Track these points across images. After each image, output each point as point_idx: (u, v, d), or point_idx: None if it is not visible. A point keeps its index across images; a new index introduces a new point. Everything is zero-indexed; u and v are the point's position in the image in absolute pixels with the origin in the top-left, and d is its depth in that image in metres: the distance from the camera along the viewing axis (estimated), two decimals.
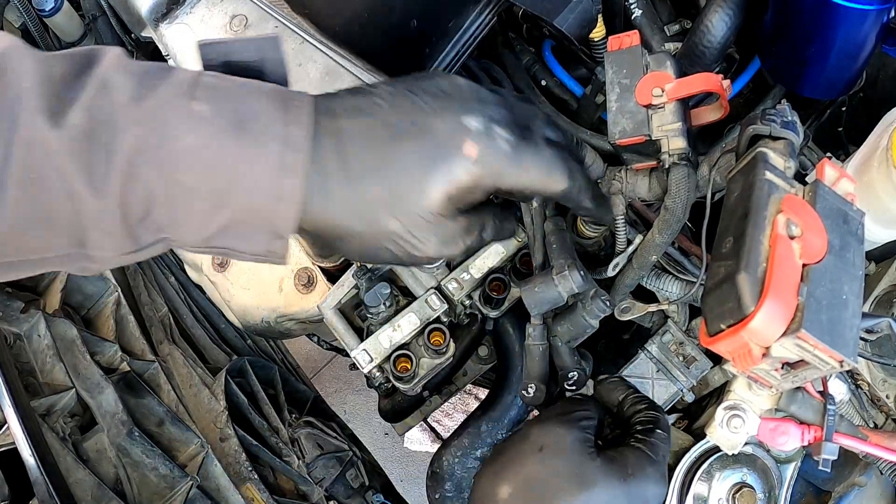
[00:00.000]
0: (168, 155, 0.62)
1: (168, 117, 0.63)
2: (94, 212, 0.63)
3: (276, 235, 0.67)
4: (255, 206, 0.65)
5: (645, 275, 0.97)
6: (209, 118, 0.63)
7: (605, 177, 0.97)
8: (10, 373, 1.18)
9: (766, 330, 0.61)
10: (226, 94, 0.65)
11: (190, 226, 0.65)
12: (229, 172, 0.63)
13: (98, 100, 0.62)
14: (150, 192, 0.63)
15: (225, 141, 0.63)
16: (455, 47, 0.99)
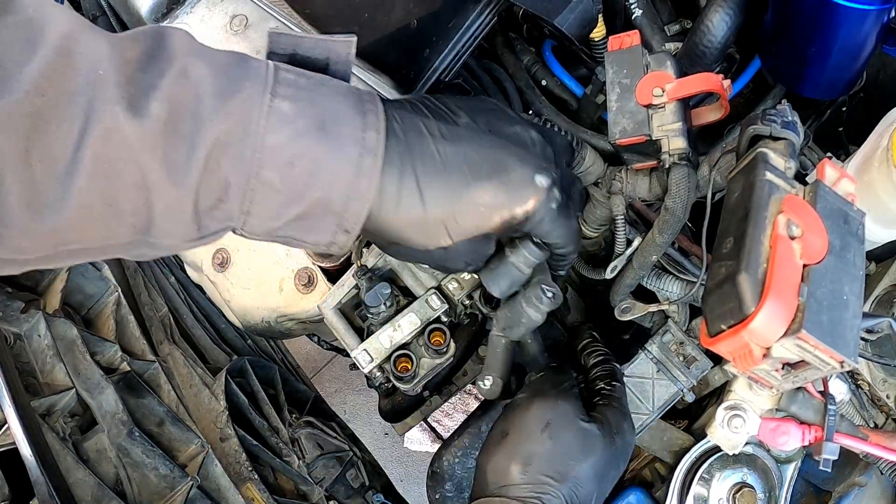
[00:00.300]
0: (250, 150, 0.64)
1: (252, 113, 0.64)
2: (169, 203, 0.64)
3: (342, 230, 0.71)
4: (327, 203, 0.68)
5: (645, 275, 0.97)
6: (292, 117, 0.66)
7: (606, 177, 0.97)
8: (11, 373, 1.18)
9: (767, 330, 0.61)
10: (307, 93, 0.68)
11: (261, 217, 0.68)
12: (308, 170, 0.66)
13: (179, 90, 0.63)
14: (226, 184, 0.65)
15: (307, 141, 0.66)
16: (455, 47, 0.98)
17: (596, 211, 1.00)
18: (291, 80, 0.68)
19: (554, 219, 0.78)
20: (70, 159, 0.59)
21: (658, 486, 1.05)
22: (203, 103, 0.63)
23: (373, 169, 0.68)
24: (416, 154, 0.72)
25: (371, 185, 0.69)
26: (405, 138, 0.72)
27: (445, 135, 0.74)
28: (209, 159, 0.63)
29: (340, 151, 0.67)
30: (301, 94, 0.67)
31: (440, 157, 0.73)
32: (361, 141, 0.68)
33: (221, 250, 1.30)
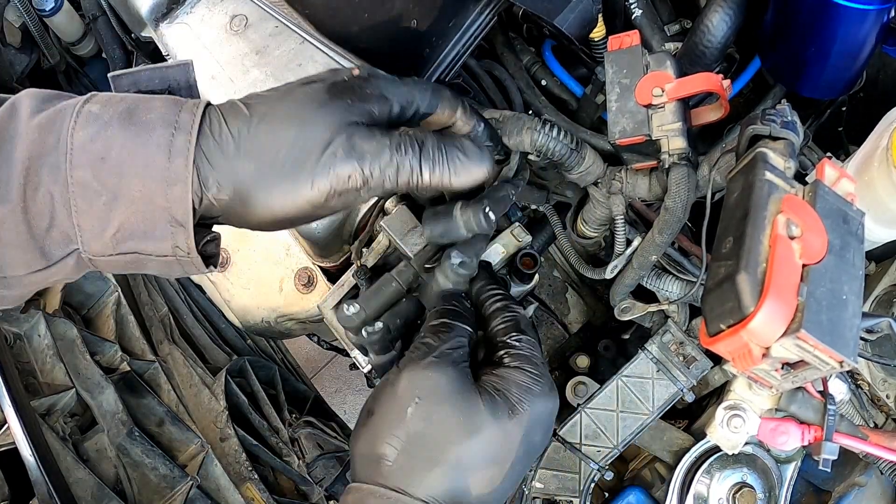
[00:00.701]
0: (63, 155, 0.64)
1: (64, 121, 0.65)
2: (0, 223, 0.64)
3: (176, 223, 0.66)
4: (147, 195, 0.65)
5: (645, 275, 0.97)
6: (99, 114, 0.65)
7: (605, 177, 0.97)
8: (11, 373, 1.18)
9: (766, 330, 0.61)
10: (120, 98, 0.68)
11: (92, 227, 0.65)
12: (119, 160, 0.64)
13: (6, 118, 0.66)
14: (50, 197, 0.64)
15: (114, 131, 0.65)
16: (455, 47, 0.98)
17: (596, 211, 1.00)
18: (108, 96, 0.68)
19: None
20: None
21: (658, 486, 1.05)
22: (21, 123, 0.65)
23: (187, 145, 0.65)
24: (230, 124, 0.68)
25: (188, 164, 0.64)
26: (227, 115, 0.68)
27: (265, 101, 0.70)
28: (29, 174, 0.64)
29: (149, 135, 0.65)
30: (114, 99, 0.67)
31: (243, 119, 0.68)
32: (173, 123, 0.65)
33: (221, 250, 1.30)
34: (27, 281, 0.68)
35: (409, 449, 0.69)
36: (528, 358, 0.75)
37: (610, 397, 1.01)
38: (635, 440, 1.01)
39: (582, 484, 1.01)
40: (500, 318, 0.78)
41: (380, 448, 0.69)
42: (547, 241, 1.16)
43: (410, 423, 0.69)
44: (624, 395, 1.01)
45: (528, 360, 0.74)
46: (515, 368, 0.73)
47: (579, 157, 0.96)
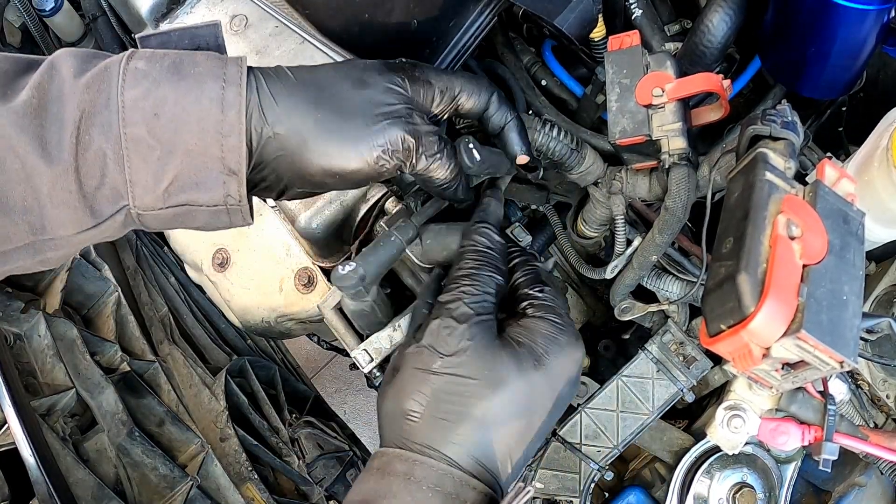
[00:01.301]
0: (115, 113, 0.65)
1: (111, 79, 0.66)
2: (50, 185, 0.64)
3: (228, 171, 0.68)
4: (202, 147, 0.66)
5: (645, 275, 0.97)
6: (147, 70, 0.66)
7: (606, 177, 0.97)
8: (11, 373, 1.18)
9: (767, 330, 0.61)
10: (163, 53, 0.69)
11: (145, 182, 0.66)
12: (173, 115, 0.66)
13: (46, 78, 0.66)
14: (102, 154, 0.65)
15: (166, 87, 0.66)
16: (455, 47, 0.98)
17: (596, 211, 1.00)
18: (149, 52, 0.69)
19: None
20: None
21: (658, 486, 1.05)
22: (66, 83, 0.66)
23: (238, 98, 0.67)
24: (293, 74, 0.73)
25: (241, 115, 0.67)
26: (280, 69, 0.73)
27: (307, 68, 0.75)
28: (80, 133, 0.65)
29: (201, 89, 0.67)
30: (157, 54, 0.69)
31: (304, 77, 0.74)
32: (222, 76, 0.68)
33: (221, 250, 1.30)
34: (75, 240, 0.69)
35: (434, 404, 0.68)
36: (551, 308, 0.75)
37: (610, 397, 1.01)
38: (635, 440, 1.01)
39: (582, 484, 1.01)
40: (521, 272, 0.79)
41: (406, 404, 0.69)
42: (547, 241, 1.16)
43: (435, 379, 0.69)
44: (624, 395, 1.01)
45: (551, 310, 0.74)
46: (540, 318, 0.74)
47: (579, 157, 0.96)
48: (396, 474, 0.67)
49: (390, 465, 0.68)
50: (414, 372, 0.71)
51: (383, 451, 0.70)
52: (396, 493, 0.66)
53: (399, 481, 0.66)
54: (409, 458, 0.67)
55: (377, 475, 0.68)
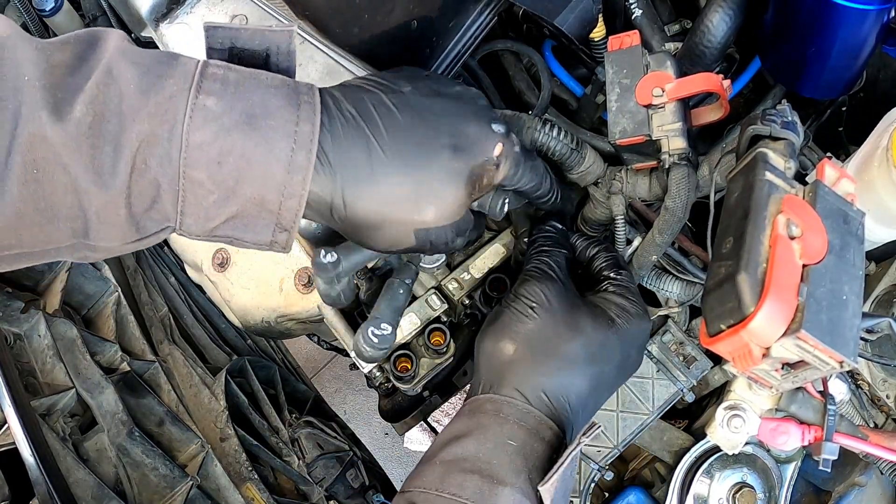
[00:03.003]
0: (176, 150, 0.63)
1: (177, 111, 0.63)
2: (100, 206, 0.63)
3: (281, 229, 0.69)
4: (261, 201, 0.66)
5: (645, 275, 0.97)
6: (218, 113, 0.64)
7: (605, 177, 0.97)
8: (11, 373, 1.18)
9: (767, 330, 0.61)
10: (234, 87, 0.66)
11: (196, 217, 0.66)
12: (238, 168, 0.65)
13: (103, 91, 0.62)
14: (157, 185, 0.64)
15: (235, 137, 0.64)
16: (455, 47, 0.98)
17: (596, 211, 1.00)
18: (219, 74, 0.66)
19: (520, 161, 0.80)
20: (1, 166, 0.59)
21: (658, 486, 1.05)
22: (126, 103, 0.62)
23: (306, 164, 0.66)
24: (370, 127, 0.70)
25: (306, 180, 0.67)
26: (353, 115, 0.70)
27: (396, 104, 0.73)
28: (136, 160, 0.63)
29: (270, 147, 0.65)
30: (228, 89, 0.66)
31: (397, 125, 0.72)
32: (293, 134, 0.66)
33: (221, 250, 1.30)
34: (116, 250, 0.69)
35: (529, 342, 0.80)
36: (627, 288, 0.87)
37: (610, 397, 1.01)
38: (635, 440, 1.01)
39: (582, 484, 1.01)
40: (601, 258, 0.91)
41: (503, 345, 0.81)
42: None
43: (527, 325, 0.80)
44: (624, 395, 1.01)
45: (627, 290, 0.87)
46: (616, 294, 0.86)
47: (579, 157, 0.96)
48: (486, 412, 0.77)
49: (481, 407, 0.78)
50: (511, 318, 0.82)
51: (473, 399, 0.81)
52: (487, 427, 0.76)
53: (489, 417, 0.77)
54: (498, 400, 0.78)
55: (468, 415, 0.79)
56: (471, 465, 0.73)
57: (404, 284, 0.90)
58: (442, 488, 0.72)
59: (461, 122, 0.76)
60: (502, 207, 0.84)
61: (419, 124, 0.73)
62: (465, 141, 0.75)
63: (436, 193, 0.73)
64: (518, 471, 0.73)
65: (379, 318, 0.87)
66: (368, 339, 0.86)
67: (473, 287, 1.03)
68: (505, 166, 0.78)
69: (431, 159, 0.72)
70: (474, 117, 0.77)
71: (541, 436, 0.76)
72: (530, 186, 0.84)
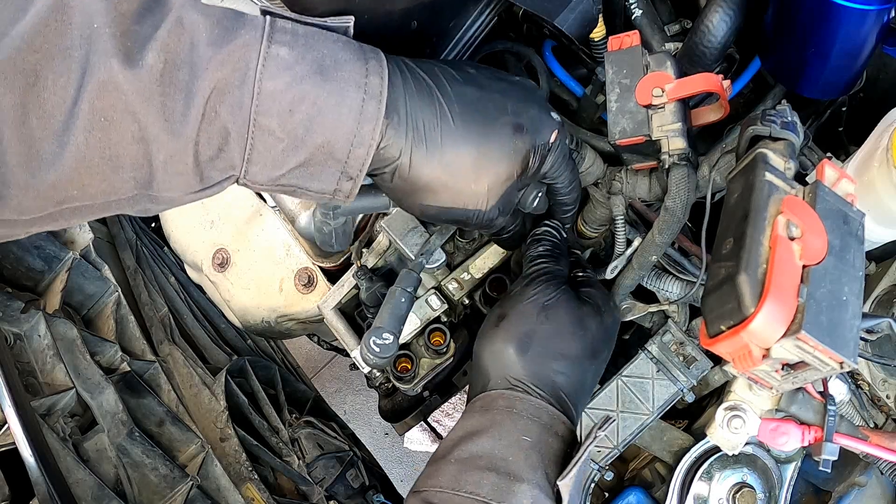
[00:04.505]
0: (248, 97, 0.64)
1: (249, 60, 0.64)
2: (167, 155, 0.63)
3: (347, 177, 0.70)
4: (330, 150, 0.67)
5: (645, 275, 0.97)
6: (290, 62, 0.65)
7: (606, 177, 0.97)
8: (11, 373, 1.18)
9: (767, 331, 0.61)
10: (304, 39, 0.67)
11: (263, 164, 0.67)
12: (309, 116, 0.65)
13: (175, 39, 0.62)
14: (225, 132, 0.64)
15: (306, 86, 0.65)
16: (455, 48, 0.98)
17: (596, 211, 1.00)
18: (289, 27, 0.67)
19: (566, 155, 0.83)
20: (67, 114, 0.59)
21: (658, 486, 1.05)
22: (198, 52, 0.62)
23: (376, 114, 0.67)
24: (441, 93, 0.72)
25: (375, 130, 0.68)
26: (425, 79, 0.72)
27: (462, 78, 0.75)
28: (207, 108, 0.63)
29: (342, 96, 0.66)
30: (299, 41, 0.66)
31: (465, 97, 0.74)
32: (364, 85, 0.67)
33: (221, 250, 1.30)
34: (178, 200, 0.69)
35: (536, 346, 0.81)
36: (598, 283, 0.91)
37: (610, 397, 1.01)
38: (635, 440, 1.01)
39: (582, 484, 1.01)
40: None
41: (511, 344, 0.81)
42: None
43: (536, 326, 0.82)
44: (624, 395, 1.01)
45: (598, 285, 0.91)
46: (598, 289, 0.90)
47: (579, 158, 0.96)
48: (499, 409, 0.78)
49: (493, 403, 0.79)
50: (518, 318, 0.83)
51: (484, 395, 0.81)
52: (501, 423, 0.76)
53: (502, 414, 0.77)
54: (510, 396, 0.79)
55: (480, 412, 0.79)
56: (487, 462, 0.73)
57: (406, 293, 0.90)
58: (459, 487, 0.72)
59: (524, 104, 0.78)
60: (534, 201, 0.87)
61: (486, 99, 0.75)
62: (527, 121, 0.77)
63: (494, 166, 0.75)
64: (534, 467, 0.74)
65: (381, 327, 0.87)
66: (371, 349, 0.86)
67: (473, 287, 1.03)
68: (553, 155, 0.81)
69: (496, 133, 0.75)
70: (536, 102, 0.80)
71: (554, 430, 0.77)
72: (564, 185, 0.86)
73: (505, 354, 0.81)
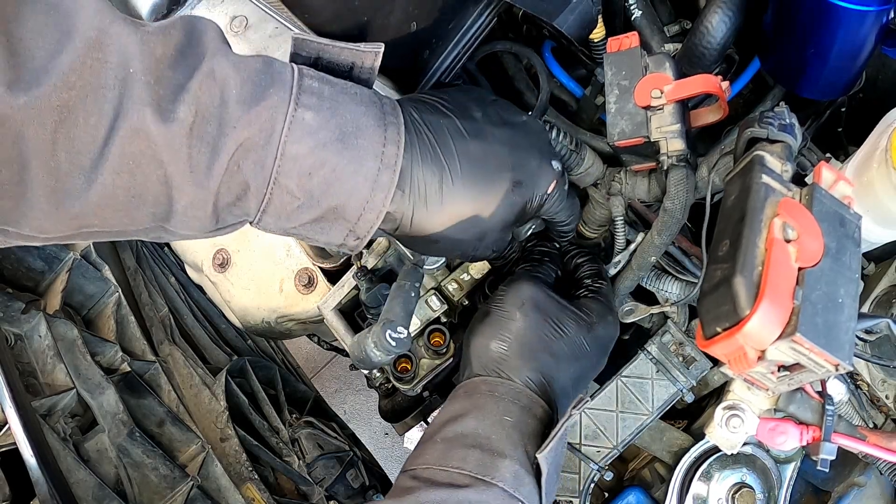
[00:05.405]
0: (271, 157, 0.66)
1: (276, 122, 0.66)
2: (189, 202, 0.65)
3: (355, 236, 0.74)
4: (342, 211, 0.71)
5: (644, 276, 0.97)
6: (314, 128, 0.67)
7: (605, 178, 0.97)
8: (11, 373, 1.18)
9: (762, 333, 0.61)
10: (330, 102, 0.69)
11: (277, 217, 0.70)
12: (326, 180, 0.69)
13: (206, 93, 0.63)
14: (245, 186, 0.67)
15: (327, 153, 0.68)
16: (455, 49, 0.98)
17: (595, 212, 1.00)
18: (315, 88, 0.69)
19: (564, 199, 0.88)
20: (97, 154, 0.60)
21: (657, 486, 1.05)
22: (228, 109, 0.64)
23: (389, 184, 0.71)
24: (445, 154, 0.75)
25: (387, 198, 0.71)
26: (431, 140, 0.75)
27: (469, 132, 0.78)
28: (231, 163, 0.65)
29: (359, 165, 0.69)
30: (324, 104, 0.69)
31: (469, 155, 0.77)
32: (380, 155, 0.70)
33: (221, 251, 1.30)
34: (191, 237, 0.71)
35: (516, 340, 0.85)
36: (606, 296, 0.94)
37: (609, 397, 1.01)
38: (635, 440, 1.01)
39: (582, 484, 1.01)
40: (586, 267, 0.98)
41: (494, 340, 0.86)
42: None
43: (515, 324, 0.86)
44: (623, 395, 1.01)
45: (606, 297, 0.93)
46: (594, 300, 0.92)
47: (579, 159, 0.96)
48: (482, 393, 0.82)
49: (476, 388, 0.84)
50: (501, 316, 0.87)
51: (467, 382, 0.86)
52: (484, 405, 0.81)
53: (485, 397, 0.82)
54: (492, 381, 0.83)
55: (464, 397, 0.83)
56: (471, 440, 0.78)
57: (414, 287, 0.92)
58: (445, 463, 0.76)
59: (525, 156, 0.82)
60: (528, 232, 0.92)
61: (490, 154, 0.79)
62: (527, 176, 0.82)
63: (491, 219, 0.80)
64: (515, 444, 0.78)
65: (395, 320, 0.88)
66: (385, 343, 0.86)
67: (473, 287, 1.03)
68: (550, 201, 0.86)
69: (495, 191, 0.79)
70: (538, 152, 0.84)
71: (533, 412, 0.81)
72: (561, 221, 0.91)
73: (488, 348, 0.85)
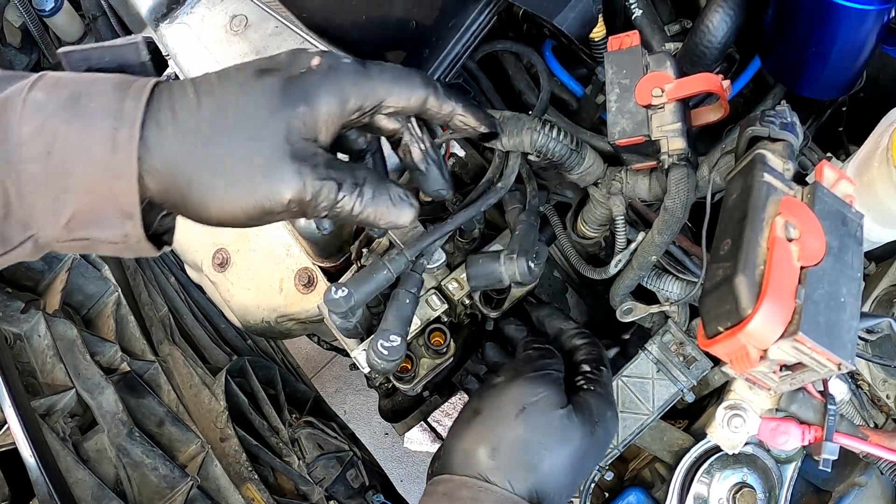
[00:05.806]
0: (12, 147, 0.62)
1: (13, 111, 0.62)
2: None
3: (125, 215, 0.65)
4: (94, 188, 0.63)
5: (645, 275, 0.97)
6: (42, 103, 0.63)
7: (605, 177, 0.97)
8: (11, 373, 1.18)
9: (764, 333, 0.61)
10: (66, 82, 0.64)
11: (45, 217, 0.64)
12: (63, 154, 0.62)
13: None
14: (4, 188, 0.63)
15: (56, 122, 0.62)
16: (455, 48, 0.98)
17: (596, 211, 1.00)
18: (56, 76, 0.65)
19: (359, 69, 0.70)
20: None
21: (658, 486, 1.05)
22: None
23: (130, 139, 0.62)
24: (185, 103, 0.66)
25: (131, 158, 0.62)
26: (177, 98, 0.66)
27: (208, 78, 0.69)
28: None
29: (91, 128, 0.62)
30: (60, 83, 0.64)
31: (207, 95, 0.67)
32: (116, 113, 0.63)
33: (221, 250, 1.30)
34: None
35: (509, 451, 0.77)
36: (606, 387, 0.87)
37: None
38: (635, 440, 1.01)
39: (582, 484, 1.01)
40: (585, 351, 0.91)
41: (482, 446, 0.77)
42: (547, 241, 1.16)
43: (512, 430, 0.78)
44: (624, 395, 1.01)
45: (606, 389, 0.86)
46: (597, 394, 0.84)
47: (579, 158, 0.95)
48: (463, 499, 0.75)
49: (457, 491, 0.76)
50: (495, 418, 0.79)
51: (448, 478, 0.78)
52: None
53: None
54: (475, 486, 0.75)
55: (444, 499, 0.76)
56: None
57: (410, 294, 0.89)
58: None
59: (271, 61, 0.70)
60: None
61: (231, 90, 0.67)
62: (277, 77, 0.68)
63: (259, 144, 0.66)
64: None
65: (388, 329, 0.86)
66: (378, 352, 0.85)
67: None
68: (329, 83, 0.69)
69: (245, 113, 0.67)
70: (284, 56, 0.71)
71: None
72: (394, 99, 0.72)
73: (474, 455, 0.77)
